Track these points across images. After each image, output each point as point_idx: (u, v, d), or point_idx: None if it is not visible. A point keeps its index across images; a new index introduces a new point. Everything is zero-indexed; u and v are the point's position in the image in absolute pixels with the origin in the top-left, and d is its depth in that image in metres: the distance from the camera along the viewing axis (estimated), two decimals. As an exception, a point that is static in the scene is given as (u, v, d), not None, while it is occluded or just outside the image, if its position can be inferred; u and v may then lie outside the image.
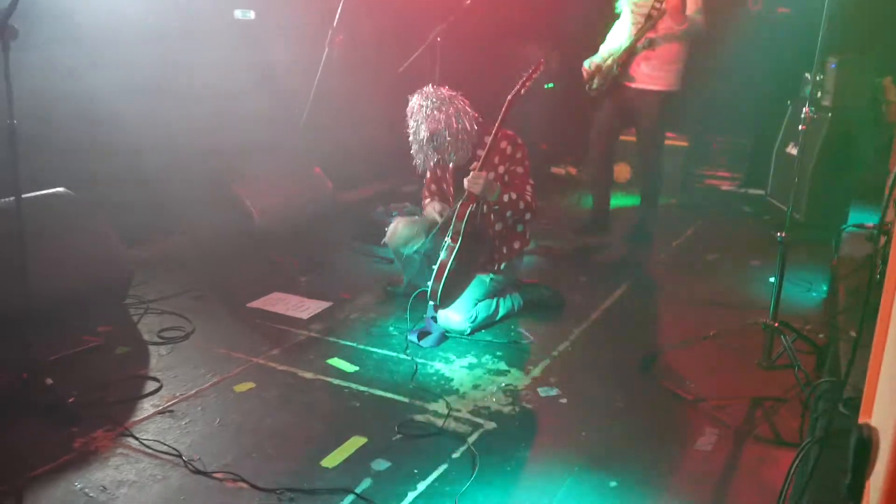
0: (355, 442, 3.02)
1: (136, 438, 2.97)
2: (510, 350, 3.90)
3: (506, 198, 3.96)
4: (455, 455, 2.96)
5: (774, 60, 7.01)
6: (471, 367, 3.71)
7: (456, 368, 3.69)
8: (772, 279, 4.99)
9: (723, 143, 7.89)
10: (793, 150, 6.63)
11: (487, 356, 3.82)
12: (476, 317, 4.02)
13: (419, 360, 3.74)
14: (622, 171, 7.70)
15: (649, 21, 5.26)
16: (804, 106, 3.68)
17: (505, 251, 4.20)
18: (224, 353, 3.74)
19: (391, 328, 4.11)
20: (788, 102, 6.73)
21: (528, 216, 4.07)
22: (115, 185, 4.55)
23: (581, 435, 3.15)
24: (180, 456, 2.86)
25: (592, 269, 5.27)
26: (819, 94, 6.47)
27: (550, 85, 7.80)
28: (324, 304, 4.37)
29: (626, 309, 4.53)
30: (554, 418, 3.28)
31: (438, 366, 3.71)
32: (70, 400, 3.14)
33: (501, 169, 4.05)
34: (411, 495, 2.70)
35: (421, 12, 6.06)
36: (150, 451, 2.91)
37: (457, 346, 3.92)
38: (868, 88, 6.24)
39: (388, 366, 3.69)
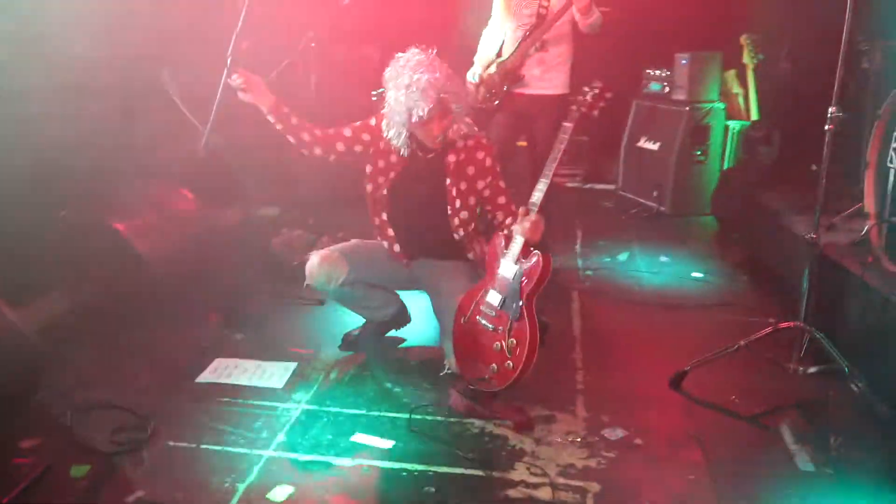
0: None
1: None
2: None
3: (508, 220, 3.51)
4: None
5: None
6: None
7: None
8: (695, 274, 5.12)
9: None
10: (645, 145, 6.82)
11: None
12: None
13: (451, 420, 3.20)
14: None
15: (541, 21, 4.99)
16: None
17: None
18: (215, 450, 2.93)
19: (389, 384, 3.50)
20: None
21: None
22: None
23: (690, 478, 2.83)
24: None
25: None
26: (668, 89, 6.71)
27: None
28: (290, 366, 3.62)
29: (603, 323, 4.26)
30: (642, 464, 2.93)
31: (470, 421, 3.20)
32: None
33: (481, 184, 3.57)
34: None
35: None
36: None
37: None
38: (719, 82, 6.54)
39: (422, 431, 3.11)
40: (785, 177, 5.66)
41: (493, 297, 3.24)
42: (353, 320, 3.91)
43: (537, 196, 3.23)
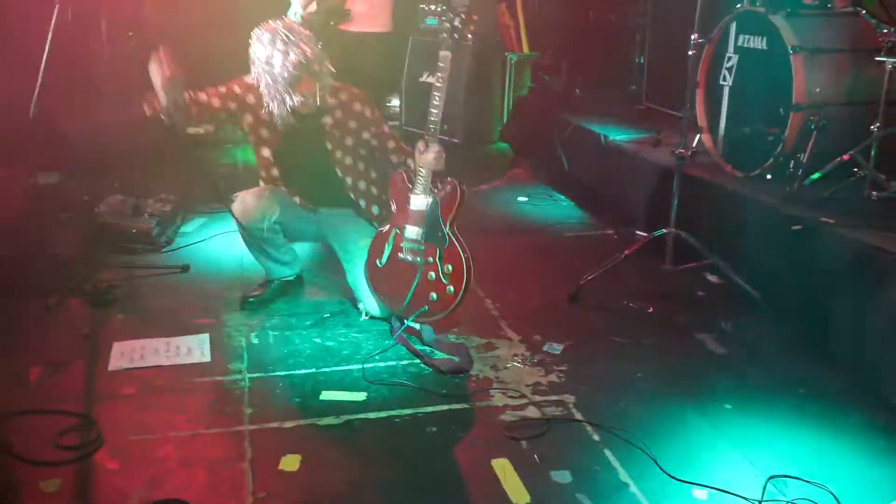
0: (505, 468, 2.55)
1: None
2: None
3: (404, 159, 3.56)
4: (604, 445, 2.72)
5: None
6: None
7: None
8: (521, 198, 5.46)
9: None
10: (429, 79, 6.99)
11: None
12: None
13: (403, 362, 3.21)
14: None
15: None
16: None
17: None
18: (189, 435, 2.68)
19: (329, 342, 3.39)
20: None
21: None
22: None
23: (637, 377, 3.14)
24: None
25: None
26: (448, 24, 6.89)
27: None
28: (203, 338, 3.35)
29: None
30: (590, 366, 3.20)
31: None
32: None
33: (366, 135, 3.58)
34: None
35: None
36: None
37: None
38: (494, 15, 6.86)
39: (391, 378, 3.09)
40: (575, 102, 6.19)
41: (413, 232, 3.27)
42: (222, 283, 3.86)
43: (433, 127, 3.24)
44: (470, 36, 3.53)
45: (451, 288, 3.21)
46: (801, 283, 3.48)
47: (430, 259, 3.24)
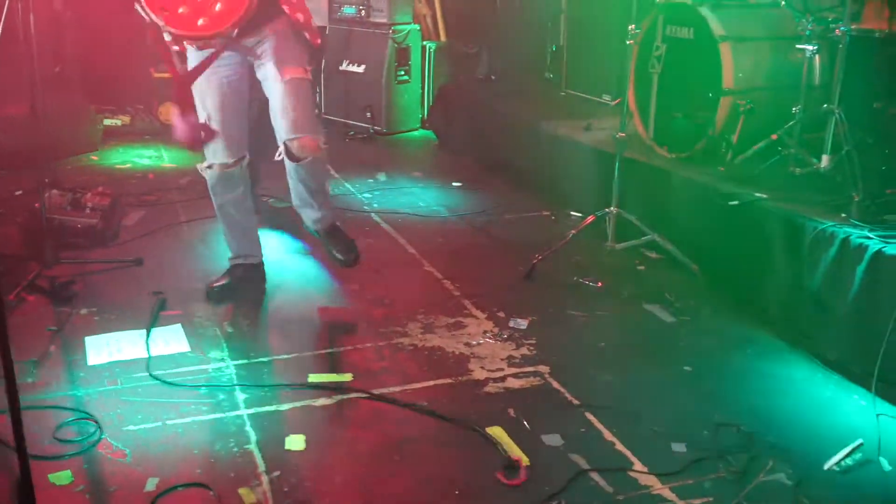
0: (500, 434, 2.72)
1: None
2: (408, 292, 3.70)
3: None
4: (584, 409, 2.93)
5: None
6: (427, 327, 3.46)
7: (415, 335, 3.41)
8: (455, 183, 5.62)
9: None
10: (349, 68, 7.07)
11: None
12: None
13: (380, 344, 3.33)
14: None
15: None
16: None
17: None
18: (185, 423, 2.72)
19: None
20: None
21: None
22: None
23: (601, 346, 3.38)
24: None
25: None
26: (364, 13, 6.99)
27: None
28: (176, 328, 3.37)
29: (428, 238, 4.54)
30: (559, 336, 3.42)
31: (398, 341, 3.36)
32: None
33: None
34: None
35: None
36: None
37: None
38: (411, 5, 6.98)
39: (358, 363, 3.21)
40: (497, 88, 6.40)
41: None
42: (179, 274, 3.88)
43: None
44: None
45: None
46: (734, 254, 3.79)
47: None
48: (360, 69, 6.97)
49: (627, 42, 4.05)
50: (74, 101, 5.90)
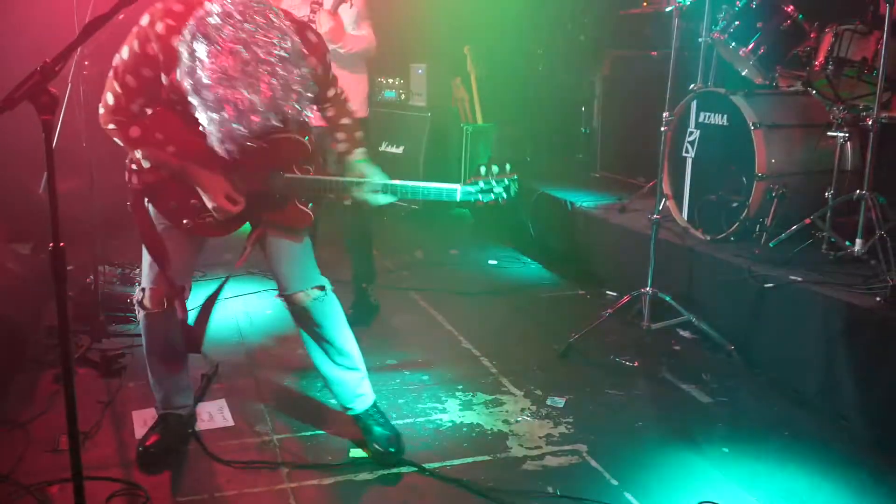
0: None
1: None
2: (439, 377, 3.76)
3: None
4: (623, 488, 2.95)
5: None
6: (465, 404, 3.52)
7: (454, 411, 3.47)
8: (491, 261, 5.73)
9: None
10: (388, 149, 7.28)
11: (442, 384, 3.64)
12: None
13: (407, 420, 3.39)
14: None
15: None
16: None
17: None
18: (234, 490, 2.79)
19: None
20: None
21: None
22: None
23: (638, 425, 3.40)
24: None
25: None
26: (404, 96, 7.25)
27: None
28: (221, 403, 3.46)
29: (465, 314, 4.63)
30: (593, 416, 3.44)
31: (437, 417, 3.42)
32: None
33: None
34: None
35: None
36: None
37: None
38: (451, 89, 7.23)
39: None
40: (532, 170, 6.57)
41: None
42: (223, 349, 3.98)
43: None
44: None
45: None
46: (770, 335, 3.82)
47: None
48: (399, 150, 7.17)
49: (662, 129, 4.17)
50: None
